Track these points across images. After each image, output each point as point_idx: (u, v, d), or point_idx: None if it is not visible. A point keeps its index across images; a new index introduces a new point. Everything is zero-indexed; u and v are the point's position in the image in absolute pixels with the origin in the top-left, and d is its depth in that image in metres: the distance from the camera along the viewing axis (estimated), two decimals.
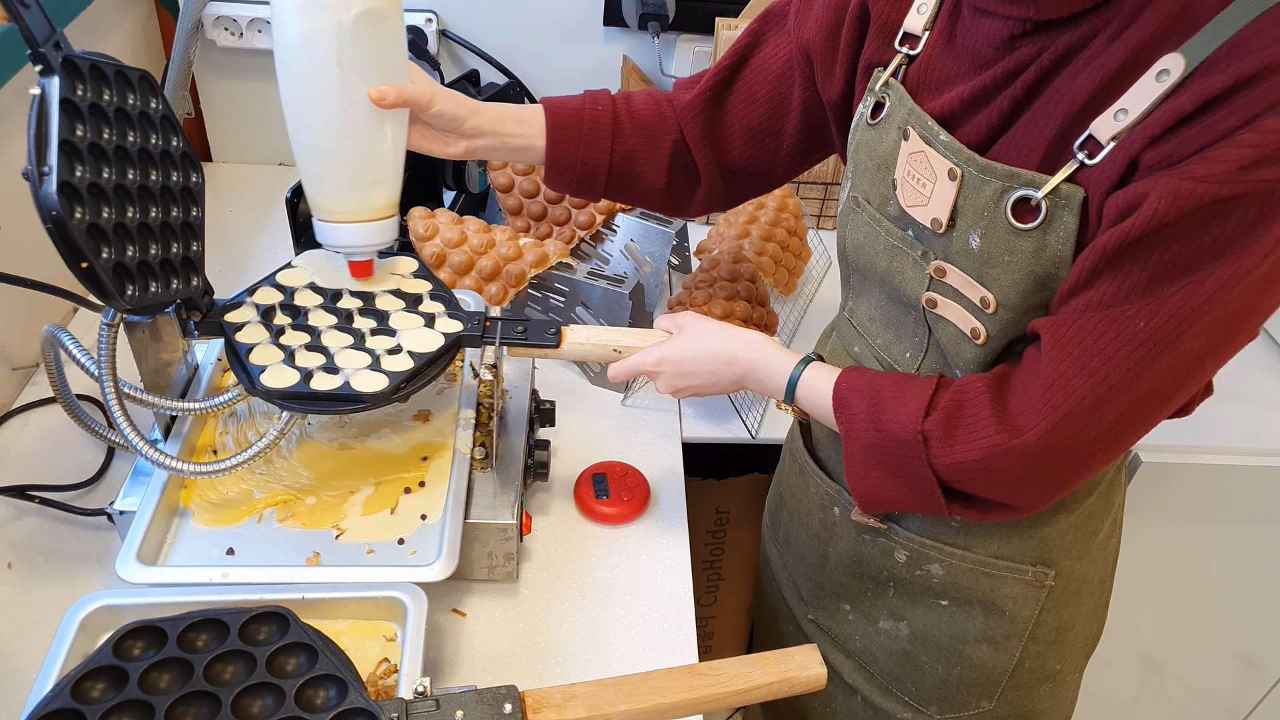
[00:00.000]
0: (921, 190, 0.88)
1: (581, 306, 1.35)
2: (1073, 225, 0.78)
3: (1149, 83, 0.73)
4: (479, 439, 1.08)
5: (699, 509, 1.65)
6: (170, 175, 0.96)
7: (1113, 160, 0.75)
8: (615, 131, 1.10)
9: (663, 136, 1.11)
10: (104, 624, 0.88)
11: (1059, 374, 0.79)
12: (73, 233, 0.81)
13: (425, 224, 1.35)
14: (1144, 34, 0.74)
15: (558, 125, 1.08)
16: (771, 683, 0.84)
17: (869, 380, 0.93)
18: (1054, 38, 0.79)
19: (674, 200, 1.17)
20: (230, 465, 0.97)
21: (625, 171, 1.11)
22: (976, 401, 0.85)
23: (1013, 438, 0.82)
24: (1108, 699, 1.88)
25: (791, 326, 1.53)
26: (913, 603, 1.08)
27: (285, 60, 0.92)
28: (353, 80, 0.92)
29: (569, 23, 1.72)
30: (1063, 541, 1.01)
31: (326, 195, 0.99)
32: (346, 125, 0.94)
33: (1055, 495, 0.89)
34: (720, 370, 1.01)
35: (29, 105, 0.80)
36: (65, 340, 0.96)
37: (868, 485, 0.94)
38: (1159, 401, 0.80)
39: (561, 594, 1.10)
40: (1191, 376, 0.79)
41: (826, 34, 0.99)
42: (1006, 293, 0.83)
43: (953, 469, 0.86)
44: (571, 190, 1.13)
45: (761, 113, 1.09)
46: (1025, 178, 0.80)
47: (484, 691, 0.79)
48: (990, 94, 0.83)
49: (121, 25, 1.58)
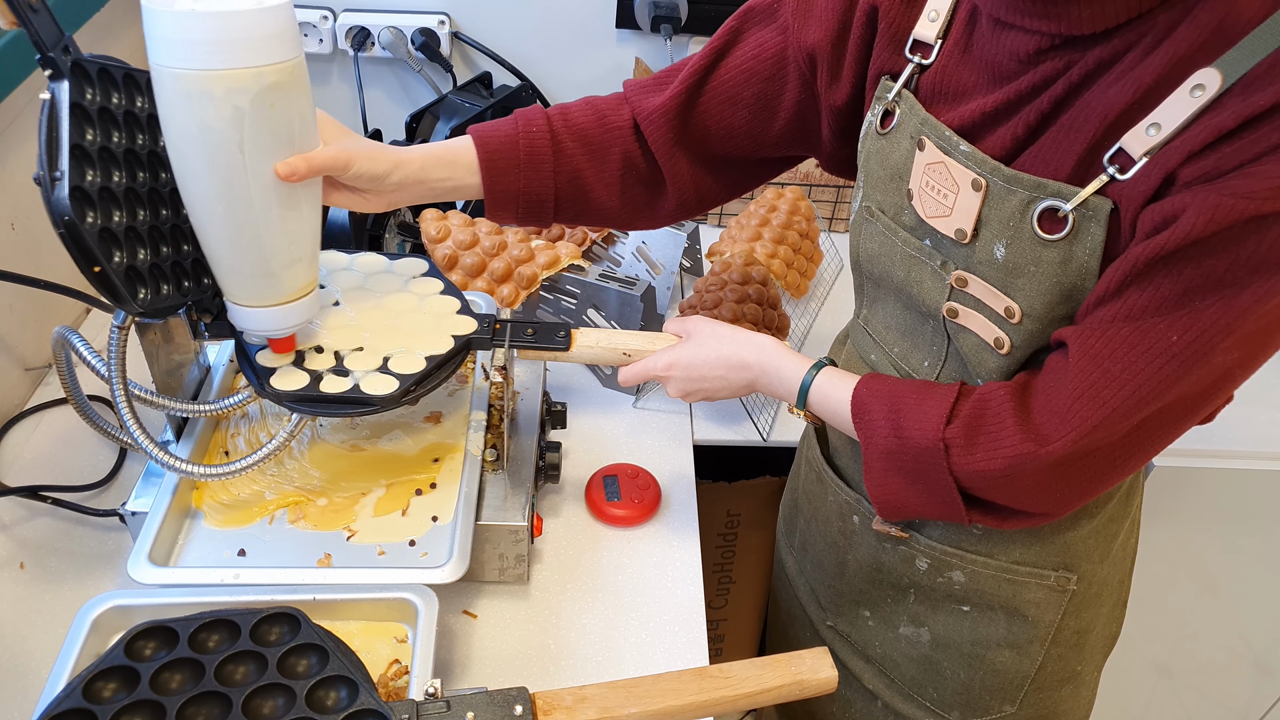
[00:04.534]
0: (943, 201, 0.87)
1: (593, 309, 1.35)
2: (1100, 237, 0.78)
3: (1183, 97, 0.72)
4: (490, 441, 1.08)
5: (710, 511, 1.64)
6: None
7: (1148, 174, 0.74)
8: (556, 153, 1.02)
9: (609, 148, 1.05)
10: (116, 624, 0.88)
11: (1088, 385, 0.79)
12: (85, 237, 0.81)
13: (438, 226, 1.35)
14: (1179, 49, 0.73)
15: (490, 157, 1.00)
16: (782, 685, 0.83)
17: (890, 387, 0.92)
18: (1083, 52, 0.78)
19: (633, 216, 1.10)
20: (238, 468, 0.97)
21: (574, 193, 1.05)
22: (1000, 410, 0.84)
23: (1040, 447, 0.81)
24: (1120, 703, 1.87)
25: (803, 329, 1.52)
26: (934, 609, 1.08)
27: (180, 153, 0.83)
28: (258, 164, 0.82)
29: (581, 25, 1.72)
30: (1085, 546, 1.00)
31: (240, 285, 0.90)
32: (257, 212, 0.85)
33: (1078, 503, 0.89)
34: (731, 375, 1.01)
35: (38, 110, 0.80)
36: (76, 342, 0.97)
37: (887, 492, 0.93)
38: (1185, 411, 0.80)
39: (572, 596, 1.10)
40: (1220, 388, 0.79)
41: (833, 38, 0.96)
42: (1032, 303, 0.83)
43: (975, 476, 0.86)
44: (518, 221, 1.06)
45: (744, 115, 1.04)
46: (1053, 188, 0.79)
47: (495, 693, 0.79)
48: (1014, 107, 0.82)
49: (132, 29, 1.59)
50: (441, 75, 1.71)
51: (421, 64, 1.69)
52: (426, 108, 1.55)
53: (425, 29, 1.67)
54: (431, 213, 1.36)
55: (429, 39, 1.67)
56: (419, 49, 1.67)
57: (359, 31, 1.66)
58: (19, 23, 0.78)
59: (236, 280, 0.90)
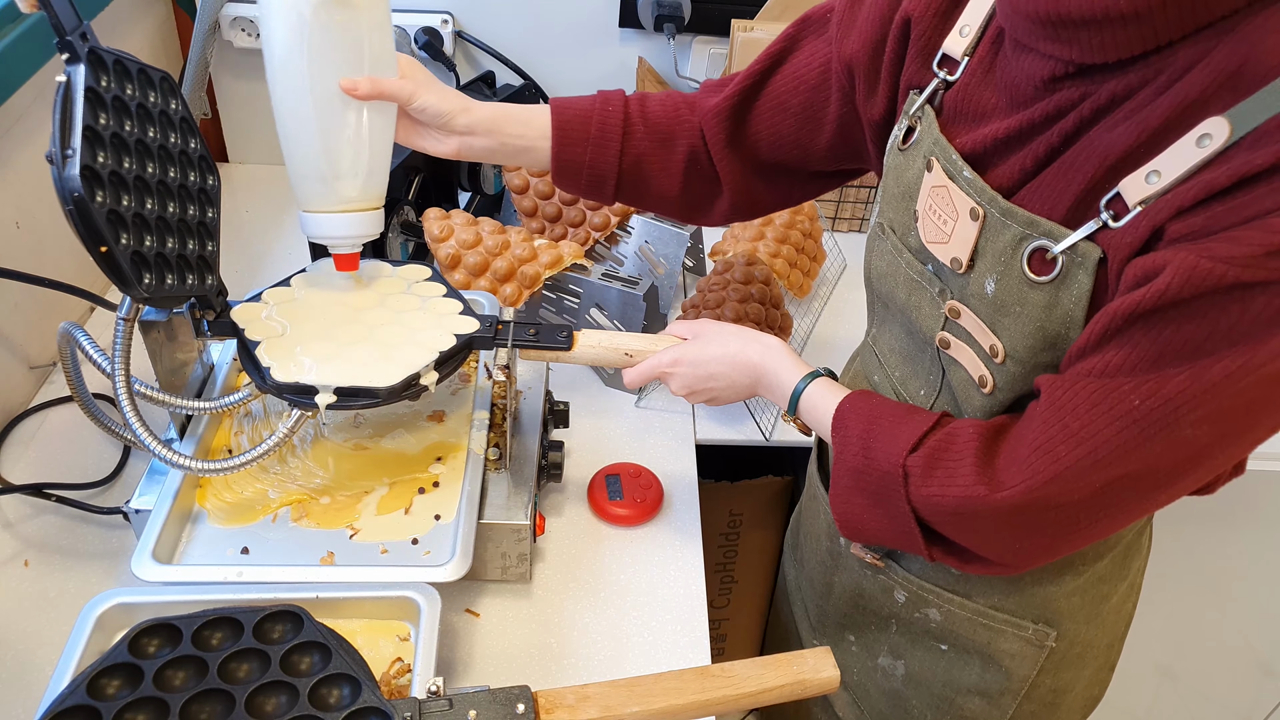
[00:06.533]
0: (942, 227, 0.84)
1: (596, 308, 1.35)
2: (1087, 285, 0.74)
3: (1188, 146, 0.67)
4: (493, 440, 1.08)
5: (712, 511, 1.64)
6: (188, 175, 0.97)
7: (1137, 225, 0.70)
8: (626, 134, 1.05)
9: (677, 141, 1.07)
10: (119, 622, 0.88)
11: (1047, 438, 0.75)
12: (94, 216, 0.81)
13: (440, 225, 1.35)
14: (1191, 92, 0.68)
15: (563, 126, 1.04)
16: (784, 685, 0.84)
17: (873, 406, 0.90)
18: (1099, 84, 0.73)
19: (692, 208, 1.12)
20: (239, 463, 0.97)
21: (636, 176, 1.07)
22: (964, 447, 0.81)
23: (991, 491, 0.78)
24: (1123, 705, 1.87)
25: (806, 329, 1.52)
26: (913, 643, 1.06)
27: (266, 53, 0.92)
28: (320, 71, 0.91)
29: (584, 24, 1.72)
30: (1069, 604, 0.97)
31: (300, 186, 0.98)
32: (313, 115, 0.93)
33: (1041, 558, 0.85)
34: (736, 374, 0.99)
35: (50, 103, 0.81)
36: (80, 337, 0.97)
37: (849, 510, 0.90)
38: (1157, 484, 0.76)
39: (574, 595, 1.10)
40: (1197, 464, 0.74)
41: (870, 50, 0.93)
42: (1015, 344, 0.80)
43: (929, 507, 0.83)
44: (582, 193, 1.09)
45: (791, 123, 1.03)
46: (1045, 228, 0.75)
47: (497, 692, 0.79)
48: (1026, 136, 0.78)
49: (140, 26, 1.59)
50: (445, 74, 1.71)
51: (425, 63, 1.69)
52: None
53: (428, 28, 1.68)
54: (435, 212, 1.37)
55: (432, 38, 1.67)
56: (422, 48, 1.67)
57: None
58: (39, 5, 0.79)
59: (299, 180, 0.97)
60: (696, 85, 1.77)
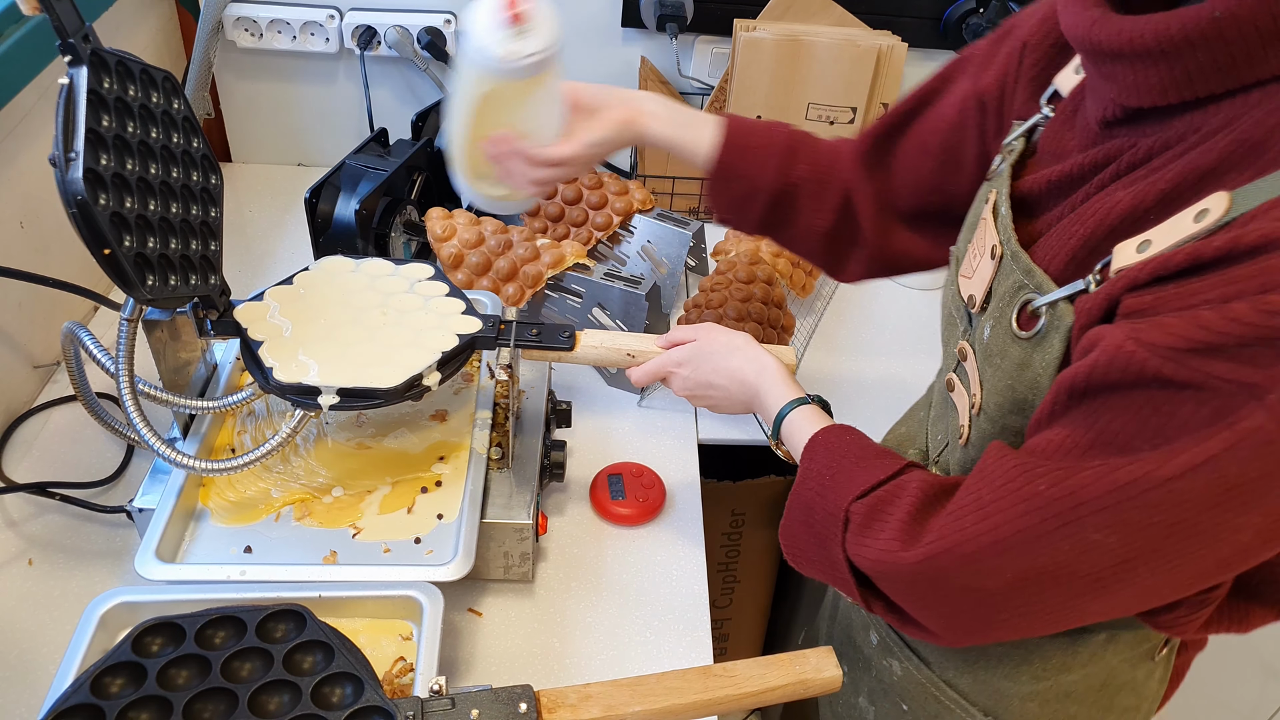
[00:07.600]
0: (972, 261, 0.80)
1: (598, 308, 1.35)
2: (1057, 351, 0.69)
3: (1185, 221, 0.61)
4: (495, 439, 1.08)
5: (714, 511, 1.64)
6: (191, 175, 0.97)
7: (1102, 293, 0.65)
8: (791, 155, 1.00)
9: (833, 179, 1.01)
10: (123, 620, 0.89)
11: (959, 505, 0.71)
12: (97, 218, 0.82)
13: (443, 224, 1.35)
14: (1204, 160, 0.62)
15: (734, 130, 1.00)
16: (786, 684, 0.83)
17: (845, 442, 0.85)
18: (1143, 134, 0.68)
19: (836, 247, 1.05)
20: (242, 463, 0.97)
21: (788, 200, 1.02)
22: (903, 501, 0.76)
23: (903, 549, 0.73)
24: None
25: (809, 329, 1.52)
26: (884, 693, 1.02)
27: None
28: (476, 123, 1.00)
29: (587, 24, 1.72)
30: (1023, 707, 0.91)
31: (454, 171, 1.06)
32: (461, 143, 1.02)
33: (974, 633, 0.79)
34: (734, 389, 0.99)
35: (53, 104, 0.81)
36: (84, 337, 0.97)
37: (793, 543, 0.88)
38: (1079, 589, 0.68)
39: (577, 594, 1.10)
40: (1121, 579, 0.66)
41: (1000, 83, 0.88)
42: (989, 398, 0.76)
43: (859, 558, 0.78)
44: (729, 208, 1.04)
45: (931, 164, 0.97)
46: (1038, 279, 0.71)
47: (499, 691, 0.79)
48: (1074, 183, 0.74)
49: (143, 26, 1.59)
50: (447, 74, 1.72)
51: (427, 63, 1.69)
52: (432, 106, 1.55)
53: (431, 28, 1.67)
54: (438, 211, 1.37)
55: (435, 38, 1.67)
56: (425, 48, 1.67)
57: (365, 30, 1.66)
58: (41, 7, 0.79)
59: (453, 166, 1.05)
60: (699, 85, 1.78)
